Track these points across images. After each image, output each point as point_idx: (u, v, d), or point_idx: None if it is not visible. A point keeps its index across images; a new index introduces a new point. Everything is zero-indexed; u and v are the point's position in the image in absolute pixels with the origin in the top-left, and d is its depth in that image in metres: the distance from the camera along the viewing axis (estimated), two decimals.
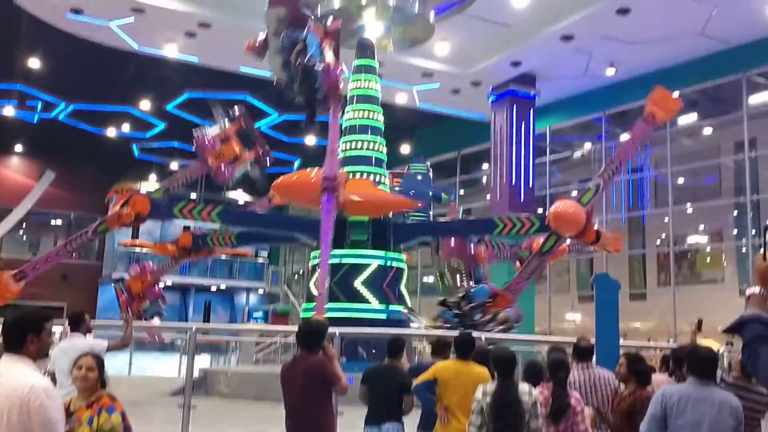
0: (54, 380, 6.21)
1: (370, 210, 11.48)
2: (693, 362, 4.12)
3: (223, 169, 13.32)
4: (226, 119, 13.61)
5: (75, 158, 30.07)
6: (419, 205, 12.61)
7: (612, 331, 6.65)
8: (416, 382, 5.43)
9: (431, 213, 15.07)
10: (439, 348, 6.17)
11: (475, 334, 6.31)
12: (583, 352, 5.69)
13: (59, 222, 34.72)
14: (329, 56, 10.66)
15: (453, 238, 13.14)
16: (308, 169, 11.77)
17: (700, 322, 8.82)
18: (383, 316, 12.35)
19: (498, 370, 4.78)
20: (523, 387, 4.78)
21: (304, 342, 5.02)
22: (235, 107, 14.07)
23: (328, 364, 4.90)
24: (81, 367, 4.26)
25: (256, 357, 20.97)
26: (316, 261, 13.20)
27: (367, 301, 12.55)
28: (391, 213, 13.13)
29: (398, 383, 5.59)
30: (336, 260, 12.75)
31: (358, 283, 12.69)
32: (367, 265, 12.73)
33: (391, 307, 12.62)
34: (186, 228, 20.79)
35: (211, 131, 13.62)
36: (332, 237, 10.32)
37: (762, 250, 2.60)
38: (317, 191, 10.37)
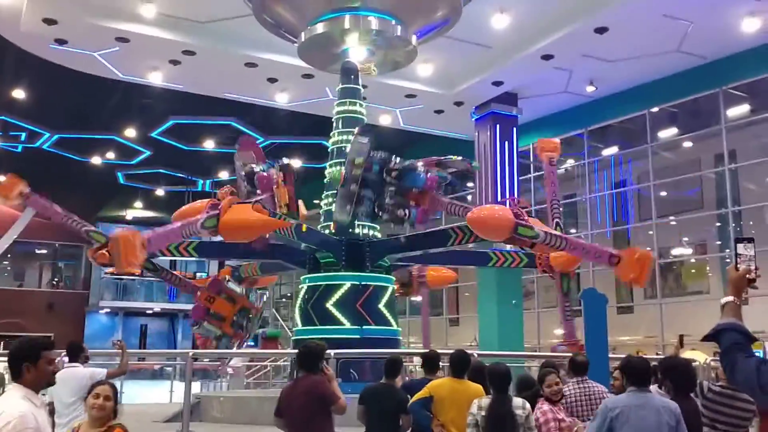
0: (53, 410, 6.24)
1: (239, 232, 11.24)
2: (629, 373, 4.51)
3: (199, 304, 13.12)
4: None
5: (60, 187, 29.91)
6: (291, 223, 12.20)
7: (601, 344, 6.79)
8: (412, 400, 5.54)
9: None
10: (430, 364, 6.30)
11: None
12: (579, 367, 5.82)
13: (44, 251, 34.57)
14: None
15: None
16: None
17: (681, 338, 9.04)
18: (356, 336, 12.17)
19: (493, 384, 4.92)
20: (517, 401, 4.91)
21: (303, 363, 5.17)
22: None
23: (328, 384, 5.05)
24: (98, 396, 4.16)
25: (246, 381, 20.93)
26: (304, 285, 13.27)
27: (339, 323, 12.57)
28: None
29: (395, 403, 5.69)
30: (312, 283, 13.02)
31: (329, 305, 12.70)
32: (339, 286, 12.76)
33: (365, 327, 12.48)
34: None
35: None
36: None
37: (734, 261, 2.77)
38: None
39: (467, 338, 22.95)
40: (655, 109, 20.04)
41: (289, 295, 33.88)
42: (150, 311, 31.85)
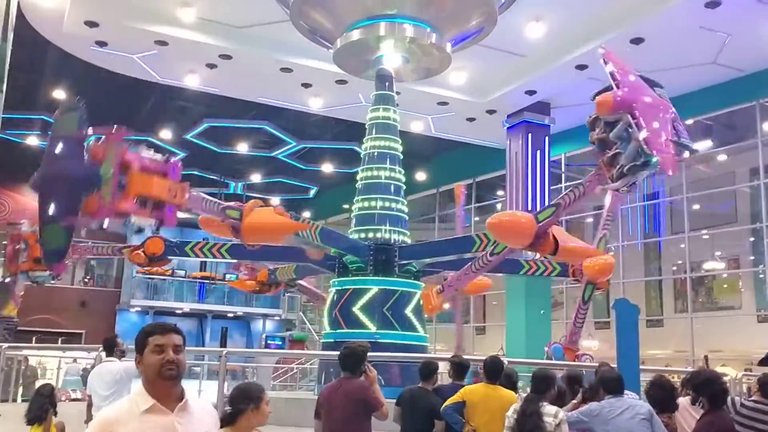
0: (90, 404, 6.38)
1: (261, 235, 11.48)
2: (606, 383, 5.18)
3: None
4: None
5: None
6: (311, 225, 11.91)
7: (632, 354, 6.76)
8: (445, 404, 5.59)
9: None
10: (459, 370, 6.36)
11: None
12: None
13: None
14: None
15: None
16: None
17: (706, 358, 9.07)
18: (331, 341, 12.59)
19: (531, 384, 5.02)
20: (550, 409, 4.95)
21: (345, 365, 5.17)
22: None
23: (371, 389, 5.02)
24: (268, 402, 3.89)
25: (273, 384, 21.08)
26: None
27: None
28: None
29: (429, 407, 5.75)
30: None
31: (324, 310, 13.39)
32: (331, 293, 13.23)
33: (338, 331, 12.54)
34: None
35: None
36: None
37: None
38: None
39: (494, 347, 22.88)
40: (689, 121, 19.78)
41: None
42: (179, 311, 32.17)
